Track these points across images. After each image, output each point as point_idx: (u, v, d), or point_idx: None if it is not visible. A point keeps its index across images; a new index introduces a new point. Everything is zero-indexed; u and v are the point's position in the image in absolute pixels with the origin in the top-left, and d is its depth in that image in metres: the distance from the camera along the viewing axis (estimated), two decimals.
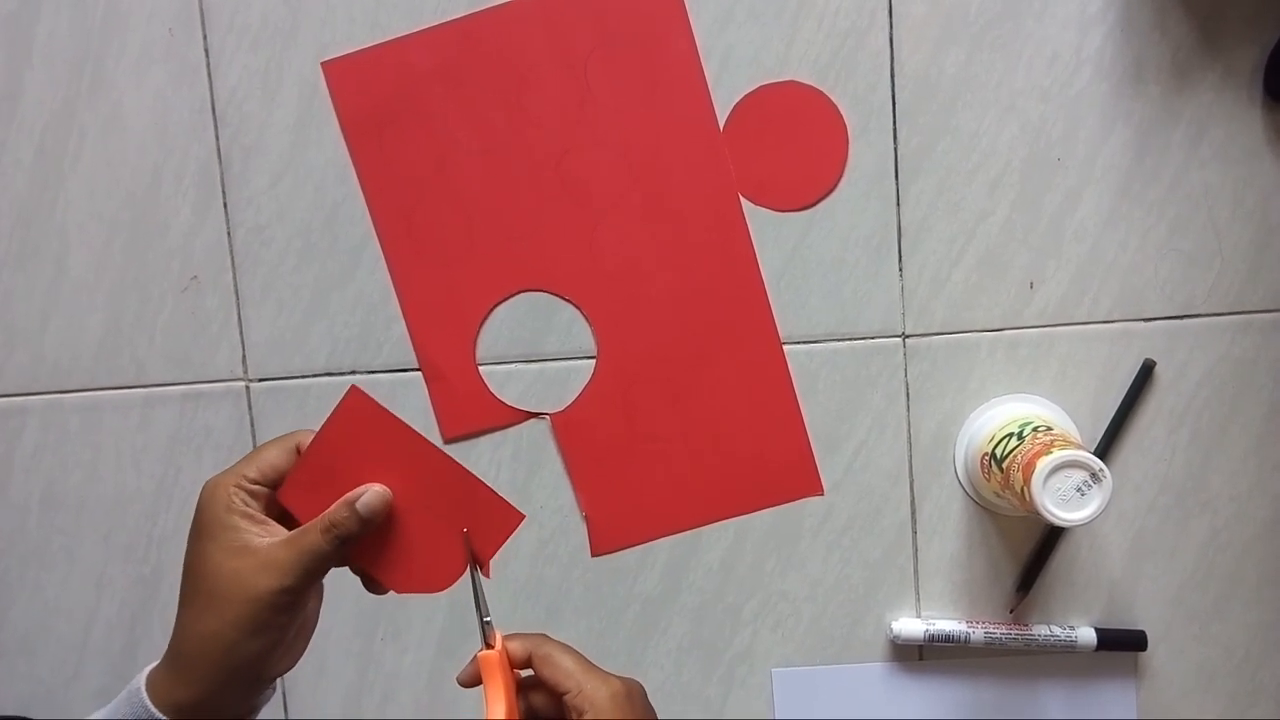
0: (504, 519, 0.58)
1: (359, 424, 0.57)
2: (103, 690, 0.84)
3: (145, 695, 0.55)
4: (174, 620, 0.82)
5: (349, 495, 0.56)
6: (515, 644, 0.58)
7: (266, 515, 0.56)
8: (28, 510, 0.83)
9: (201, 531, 0.55)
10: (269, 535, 0.55)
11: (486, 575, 0.59)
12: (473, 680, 0.58)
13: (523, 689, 0.58)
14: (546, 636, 0.59)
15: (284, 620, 0.55)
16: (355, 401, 0.57)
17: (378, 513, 0.56)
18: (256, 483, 0.56)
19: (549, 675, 0.57)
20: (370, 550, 0.58)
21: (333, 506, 0.56)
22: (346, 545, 0.55)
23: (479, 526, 0.58)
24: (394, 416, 0.57)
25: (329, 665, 0.83)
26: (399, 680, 0.83)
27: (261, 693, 0.57)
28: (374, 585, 0.59)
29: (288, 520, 0.57)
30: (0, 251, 0.81)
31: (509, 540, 0.59)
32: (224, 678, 0.54)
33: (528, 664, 0.58)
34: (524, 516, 0.59)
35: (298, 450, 0.57)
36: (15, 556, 0.83)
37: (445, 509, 0.58)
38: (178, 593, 0.81)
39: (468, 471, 0.58)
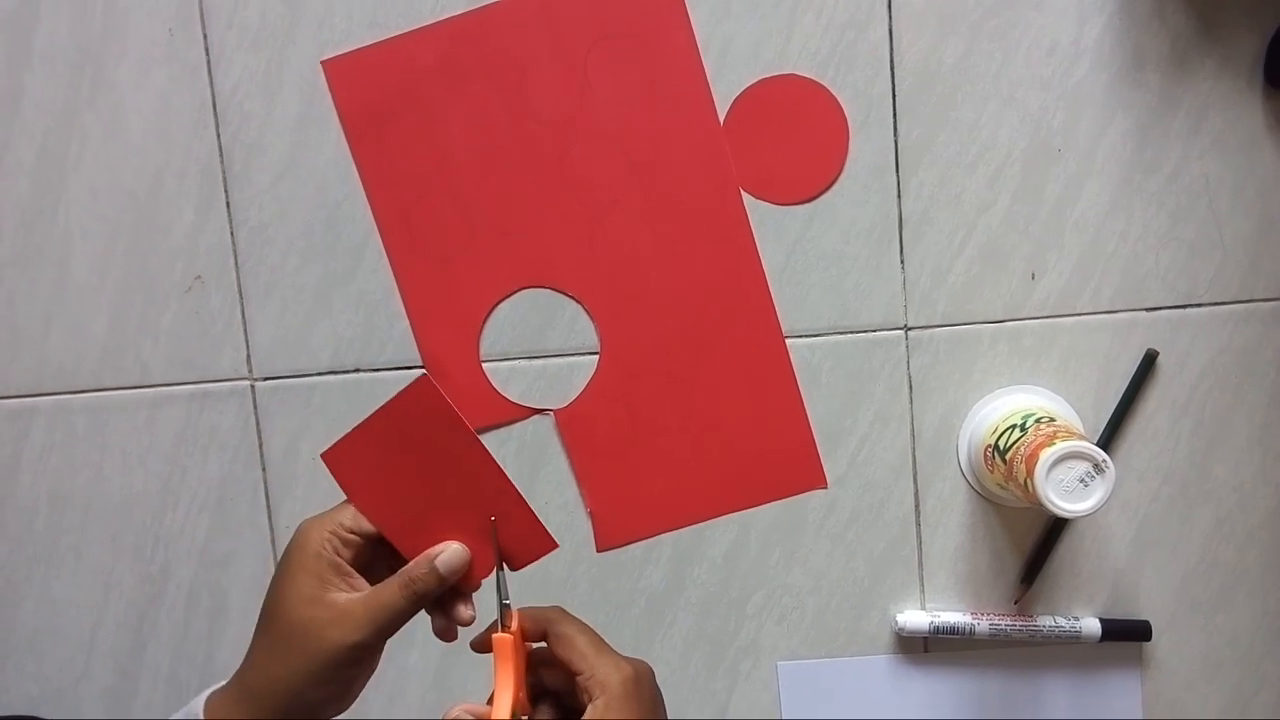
0: (537, 543, 0.59)
1: (422, 412, 0.57)
2: (110, 689, 0.84)
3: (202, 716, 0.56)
4: (181, 622, 0.83)
5: (429, 551, 0.57)
6: (530, 619, 0.58)
7: (355, 564, 0.56)
8: (35, 511, 0.83)
9: (285, 571, 0.56)
10: (349, 589, 0.55)
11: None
12: (485, 649, 0.58)
13: (534, 662, 0.59)
14: (563, 612, 0.59)
15: (352, 673, 0.56)
16: (422, 390, 0.57)
17: (456, 571, 0.57)
18: (352, 532, 0.56)
19: (563, 654, 0.57)
20: (407, 540, 0.58)
21: (412, 563, 0.56)
22: (423, 601, 0.56)
23: (510, 542, 0.58)
24: (457, 413, 0.57)
25: None
26: (406, 678, 0.83)
27: None
28: (444, 631, 0.59)
29: (374, 571, 0.57)
30: (4, 254, 0.81)
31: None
32: (285, 716, 0.55)
33: (542, 637, 0.59)
34: (556, 545, 0.59)
35: None
36: (23, 557, 0.84)
37: (483, 516, 0.58)
38: (184, 592, 0.83)
39: (514, 486, 0.58)
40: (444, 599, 0.58)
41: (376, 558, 0.58)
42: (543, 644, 0.59)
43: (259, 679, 0.55)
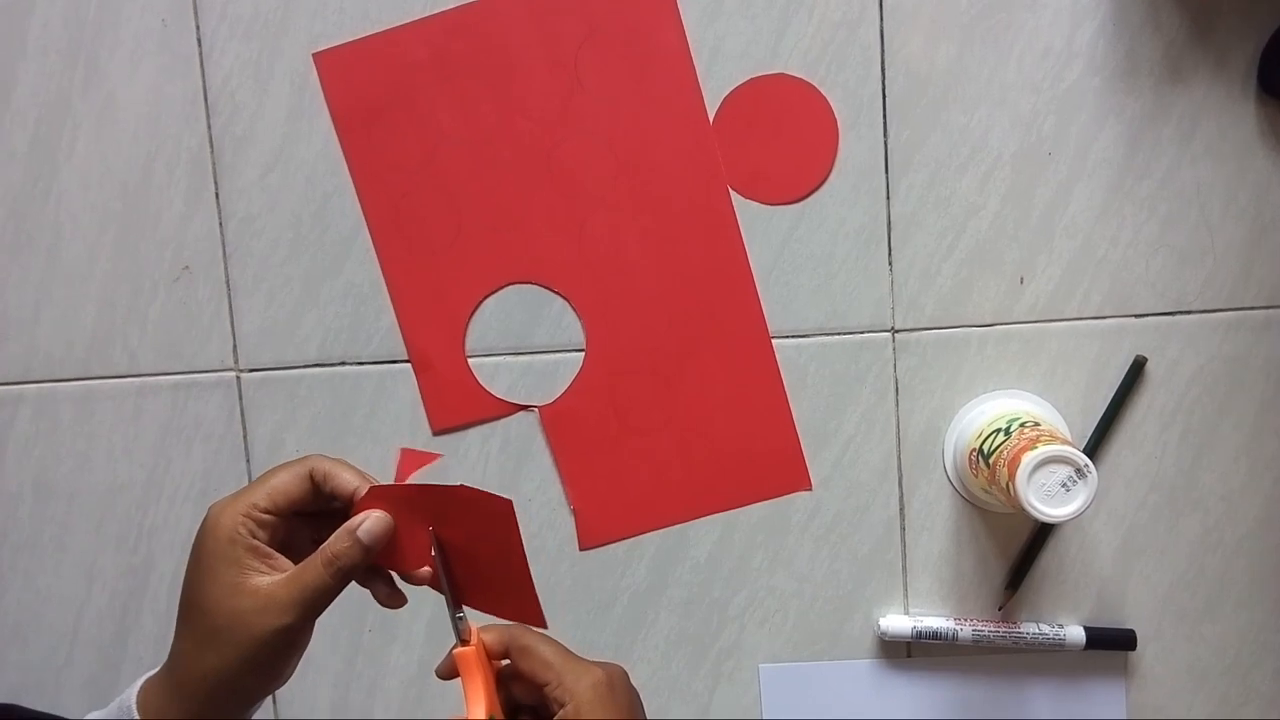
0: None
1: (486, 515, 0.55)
2: (93, 679, 0.84)
3: (135, 710, 0.55)
4: (164, 613, 0.83)
5: (349, 523, 0.55)
6: (492, 636, 0.57)
7: (273, 542, 0.54)
8: (20, 500, 0.83)
9: (202, 562, 0.54)
10: (271, 571, 0.53)
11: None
12: (450, 674, 0.57)
13: (503, 680, 0.58)
14: (524, 628, 0.58)
15: (284, 655, 0.54)
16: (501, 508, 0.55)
17: (380, 539, 0.55)
18: (266, 511, 0.54)
19: (527, 667, 0.56)
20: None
21: (333, 537, 0.54)
22: (349, 577, 0.54)
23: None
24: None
25: (316, 658, 0.82)
26: (386, 672, 0.83)
27: (253, 713, 0.57)
28: (389, 598, 0.58)
29: (294, 548, 0.56)
30: None
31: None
32: (218, 704, 0.54)
33: (506, 655, 0.58)
34: (545, 626, 0.57)
35: (310, 477, 0.55)
36: (7, 546, 0.83)
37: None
38: (166, 583, 0.83)
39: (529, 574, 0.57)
40: (379, 567, 0.57)
41: (296, 531, 0.56)
42: (508, 661, 0.58)
43: (189, 672, 0.54)
